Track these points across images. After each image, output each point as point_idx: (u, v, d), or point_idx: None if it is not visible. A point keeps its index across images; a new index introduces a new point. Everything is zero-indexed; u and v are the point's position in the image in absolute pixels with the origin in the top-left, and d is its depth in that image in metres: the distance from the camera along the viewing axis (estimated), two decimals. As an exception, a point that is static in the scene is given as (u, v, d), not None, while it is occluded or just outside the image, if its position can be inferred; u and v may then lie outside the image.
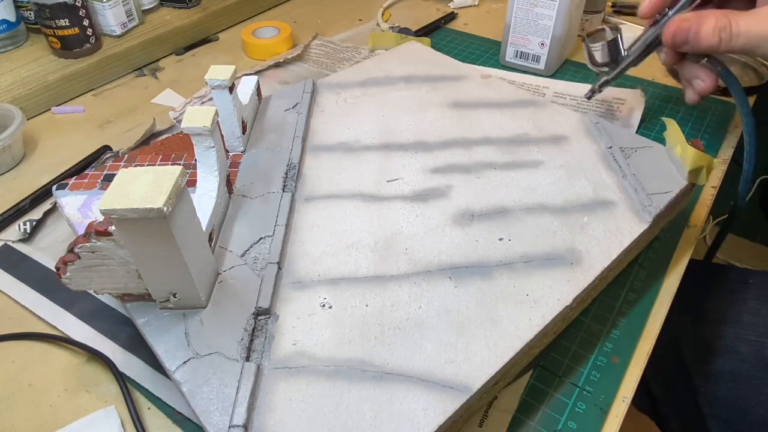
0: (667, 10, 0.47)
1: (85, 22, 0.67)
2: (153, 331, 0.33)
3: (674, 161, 0.44)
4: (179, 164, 0.44)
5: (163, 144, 0.48)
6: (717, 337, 0.55)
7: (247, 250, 0.38)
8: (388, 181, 0.44)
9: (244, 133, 0.46)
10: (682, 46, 0.45)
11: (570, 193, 0.42)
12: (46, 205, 0.52)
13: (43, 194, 0.53)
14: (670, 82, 0.70)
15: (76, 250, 0.31)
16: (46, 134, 0.62)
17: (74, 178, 0.44)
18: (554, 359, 0.40)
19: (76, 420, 0.36)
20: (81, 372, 0.39)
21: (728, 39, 0.42)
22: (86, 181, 0.44)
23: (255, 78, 0.51)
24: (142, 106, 0.66)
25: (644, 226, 0.40)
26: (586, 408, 0.37)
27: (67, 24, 0.65)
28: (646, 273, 0.46)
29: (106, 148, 0.59)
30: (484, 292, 0.35)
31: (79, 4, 0.65)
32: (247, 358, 0.32)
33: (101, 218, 0.38)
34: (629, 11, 0.85)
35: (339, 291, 0.36)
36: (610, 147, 0.46)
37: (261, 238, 0.38)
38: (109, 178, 0.44)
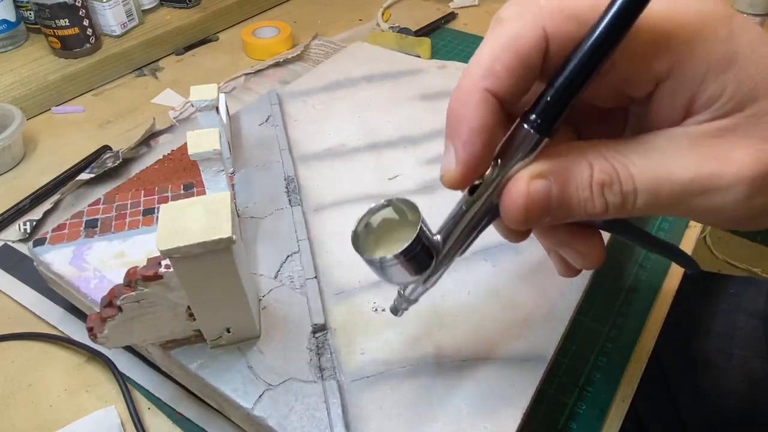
0: (494, 163, 0.23)
1: (85, 22, 0.67)
2: (212, 373, 0.32)
3: None
4: (167, 196, 0.43)
5: (140, 178, 0.45)
6: (703, 352, 0.54)
7: (278, 270, 0.37)
8: (389, 179, 0.44)
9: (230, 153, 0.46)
10: (540, 221, 0.23)
11: None
12: (46, 205, 0.51)
13: (43, 194, 0.53)
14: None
15: (118, 302, 0.29)
16: (46, 134, 0.62)
17: (51, 231, 0.40)
18: (554, 359, 0.40)
19: (76, 420, 0.36)
20: (81, 372, 0.39)
21: (620, 203, 0.22)
22: (66, 231, 0.40)
23: (222, 95, 0.49)
24: (142, 106, 0.66)
25: None
26: (586, 408, 0.37)
27: (67, 24, 0.65)
28: (646, 273, 0.46)
29: (106, 148, 0.59)
30: (521, 266, 0.37)
31: (79, 4, 0.65)
32: (322, 377, 0.31)
33: (108, 266, 0.37)
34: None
35: (385, 293, 0.36)
36: None
37: (288, 256, 0.38)
38: (91, 224, 0.41)
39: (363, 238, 0.27)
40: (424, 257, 0.25)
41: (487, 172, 0.23)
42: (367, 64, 0.59)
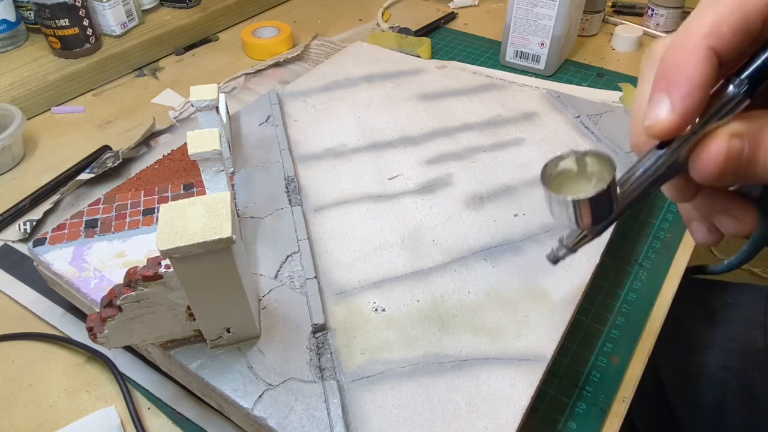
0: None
1: (85, 22, 0.67)
2: (212, 373, 0.32)
3: None
4: (167, 196, 0.43)
5: (140, 178, 0.45)
6: (699, 365, 0.53)
7: (279, 270, 0.37)
8: (389, 179, 0.44)
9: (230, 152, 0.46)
10: (727, 178, 0.24)
11: None
12: (46, 205, 0.52)
13: (43, 194, 0.53)
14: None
15: (118, 302, 0.29)
16: (46, 134, 0.62)
17: (51, 231, 0.40)
18: (554, 359, 0.40)
19: (76, 420, 0.36)
20: (81, 372, 0.39)
21: None
22: (66, 231, 0.40)
23: (222, 95, 0.49)
24: (142, 106, 0.66)
25: None
26: (586, 408, 0.37)
27: (67, 24, 0.65)
28: (646, 273, 0.46)
29: (105, 148, 0.59)
30: (521, 266, 0.37)
31: (79, 4, 0.65)
32: (322, 377, 0.31)
33: (108, 266, 0.37)
34: (629, 11, 0.85)
35: (385, 293, 0.36)
36: (578, 116, 0.49)
37: (288, 256, 0.38)
38: (91, 224, 0.41)
39: (549, 178, 0.27)
40: (607, 207, 0.26)
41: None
42: (367, 64, 0.59)
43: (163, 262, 0.28)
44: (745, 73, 0.22)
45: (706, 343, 0.54)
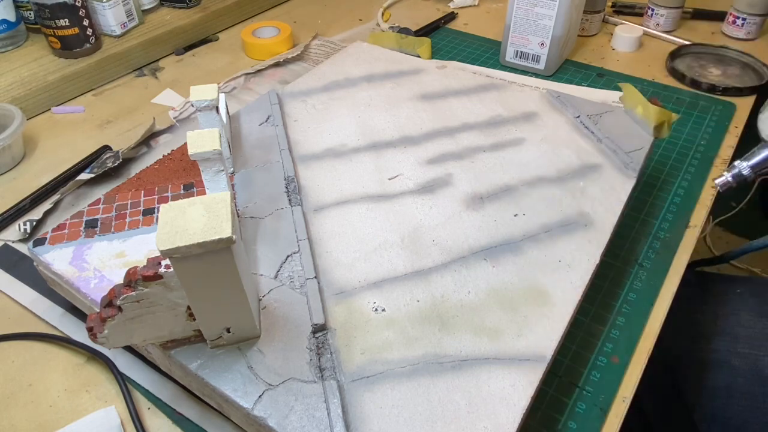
0: None
1: (85, 22, 0.67)
2: (212, 373, 0.32)
3: (637, 120, 0.48)
4: (167, 196, 0.43)
5: (140, 178, 0.45)
6: (709, 351, 0.54)
7: (279, 270, 0.37)
8: (389, 179, 0.44)
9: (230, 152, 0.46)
10: None
11: (559, 163, 0.45)
12: (46, 205, 0.52)
13: (43, 194, 0.53)
14: (670, 82, 0.69)
15: (118, 302, 0.29)
16: (46, 134, 0.62)
17: (51, 230, 0.40)
18: (554, 359, 0.40)
19: (76, 420, 0.36)
20: (81, 372, 0.39)
21: None
22: (66, 231, 0.40)
23: (222, 95, 0.49)
24: (142, 106, 0.66)
25: (632, 182, 0.43)
26: (586, 408, 0.37)
27: (67, 24, 0.65)
28: (646, 273, 0.46)
29: (105, 148, 0.59)
30: (521, 266, 0.37)
31: (79, 4, 0.65)
32: (322, 377, 0.31)
33: (108, 266, 0.37)
34: (629, 11, 0.85)
35: (385, 293, 0.36)
36: (578, 116, 0.50)
37: (288, 256, 0.38)
38: (91, 224, 0.41)
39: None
40: None
41: None
42: (367, 64, 0.59)
43: (163, 262, 0.28)
44: None
45: (717, 330, 0.55)
